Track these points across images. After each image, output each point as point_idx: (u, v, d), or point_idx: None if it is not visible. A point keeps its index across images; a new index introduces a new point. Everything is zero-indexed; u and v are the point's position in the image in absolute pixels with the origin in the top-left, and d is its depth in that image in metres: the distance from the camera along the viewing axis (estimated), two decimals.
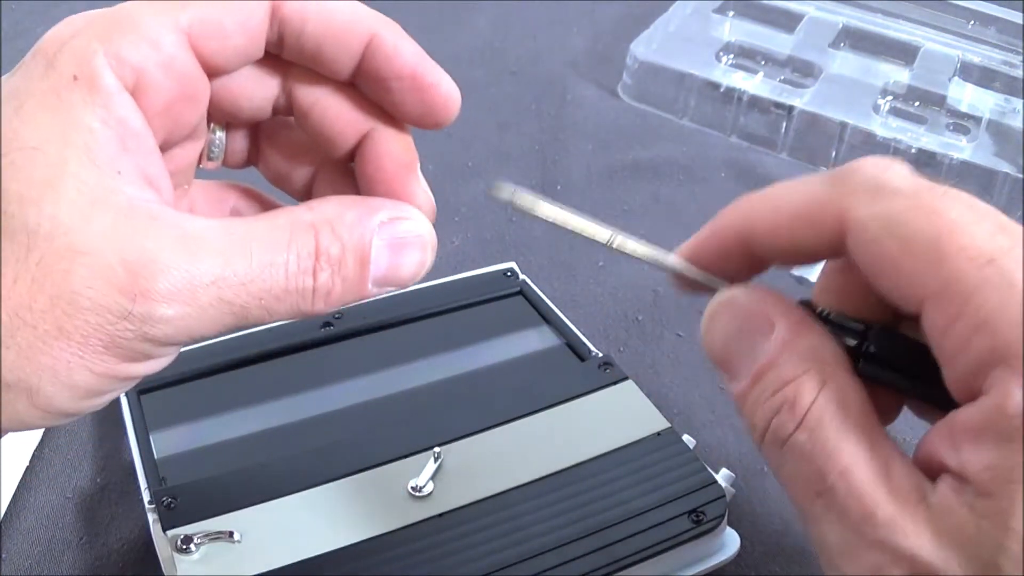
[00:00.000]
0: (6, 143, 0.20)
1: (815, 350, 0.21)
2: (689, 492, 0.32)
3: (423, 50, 0.24)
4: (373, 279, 0.23)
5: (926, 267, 0.19)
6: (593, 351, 0.39)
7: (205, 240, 0.21)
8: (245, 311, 0.21)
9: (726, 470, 0.34)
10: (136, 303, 0.20)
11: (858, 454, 0.19)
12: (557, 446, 0.34)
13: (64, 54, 0.21)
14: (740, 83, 0.58)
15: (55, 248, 0.20)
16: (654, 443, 0.34)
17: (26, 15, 0.70)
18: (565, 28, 0.68)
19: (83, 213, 0.20)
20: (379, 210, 0.23)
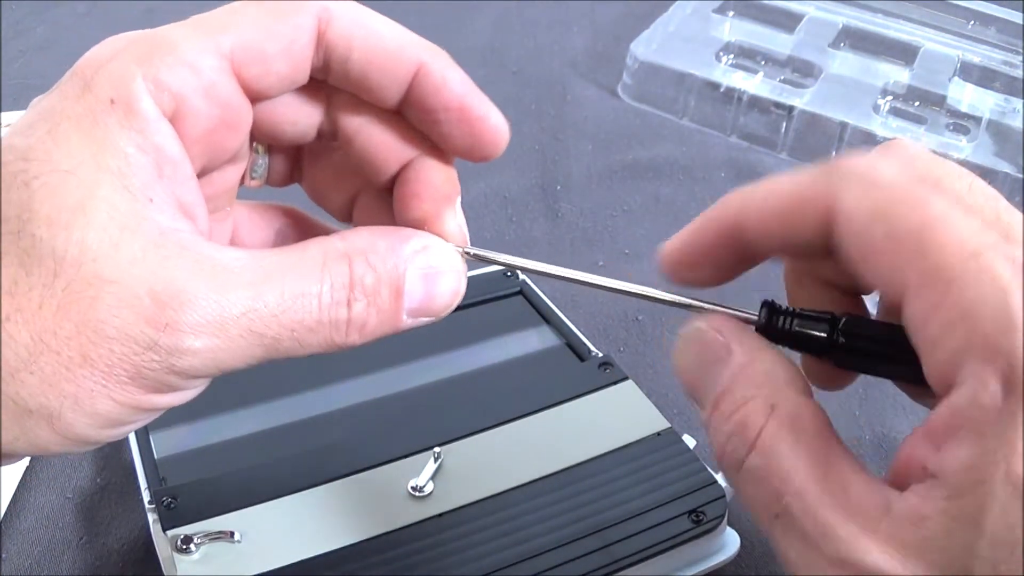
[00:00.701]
0: (38, 165, 0.20)
1: (767, 374, 0.21)
2: (689, 492, 0.32)
3: (471, 81, 0.24)
4: (408, 310, 0.23)
5: (909, 259, 0.19)
6: (593, 351, 0.39)
7: (235, 271, 0.21)
8: (276, 343, 0.21)
9: None
10: (163, 334, 0.19)
11: (811, 474, 0.19)
12: (557, 446, 0.34)
13: (102, 76, 0.21)
14: (740, 83, 0.58)
15: (82, 275, 0.19)
16: (654, 443, 0.34)
17: (26, 15, 0.70)
18: (565, 28, 0.68)
19: (112, 240, 0.20)
20: (411, 239, 0.23)
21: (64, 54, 0.66)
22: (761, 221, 0.23)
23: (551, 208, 0.52)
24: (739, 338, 0.22)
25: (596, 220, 0.52)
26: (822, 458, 0.20)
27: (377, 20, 0.24)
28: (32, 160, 0.20)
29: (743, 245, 0.23)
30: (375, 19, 0.24)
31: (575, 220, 0.52)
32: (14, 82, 0.63)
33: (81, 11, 0.71)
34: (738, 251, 0.24)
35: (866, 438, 0.40)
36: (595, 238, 0.51)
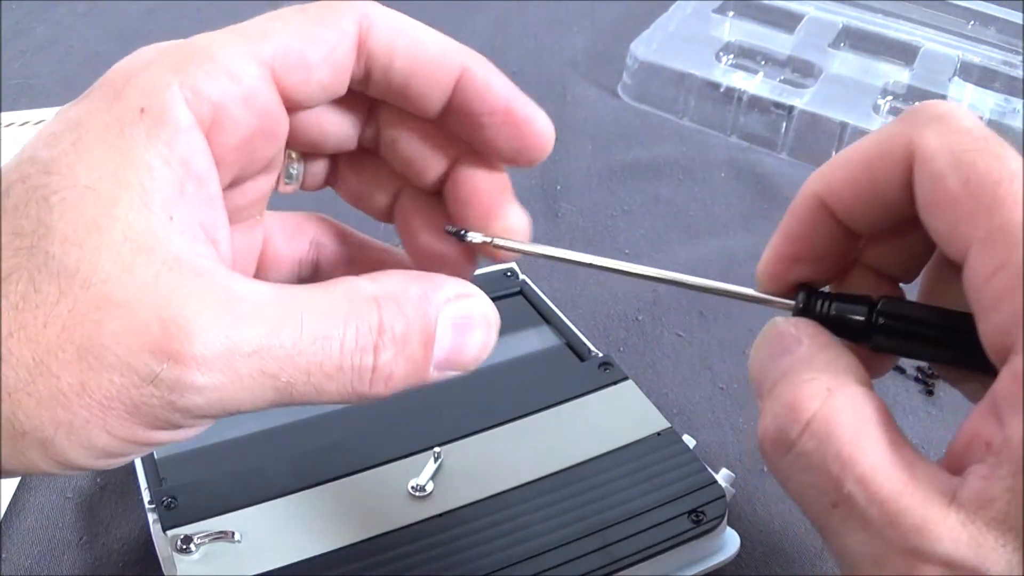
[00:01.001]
0: (60, 179, 0.19)
1: (829, 362, 0.21)
2: (689, 492, 0.32)
3: (513, 84, 0.23)
4: (436, 362, 0.21)
5: (981, 211, 0.18)
6: (593, 351, 0.39)
7: (252, 304, 0.19)
8: (290, 387, 0.20)
9: (726, 470, 0.34)
10: (167, 366, 0.18)
11: (877, 460, 0.18)
12: (557, 446, 0.34)
13: (133, 85, 0.20)
14: (740, 83, 0.58)
15: (90, 296, 0.18)
16: (654, 443, 0.34)
17: (26, 15, 0.70)
18: (565, 28, 0.68)
19: (125, 262, 0.19)
20: (444, 286, 0.22)
21: (64, 54, 0.66)
22: (845, 184, 0.22)
23: (551, 208, 0.52)
24: (812, 332, 0.22)
25: (596, 220, 0.52)
26: (886, 444, 0.19)
27: (417, 26, 0.23)
28: (54, 174, 0.19)
29: (833, 225, 0.22)
30: (415, 25, 0.23)
31: (575, 220, 0.52)
32: (14, 82, 0.63)
33: (81, 11, 0.71)
34: (832, 234, 0.23)
35: None
36: (595, 238, 0.51)
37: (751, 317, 0.46)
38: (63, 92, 0.62)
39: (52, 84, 0.63)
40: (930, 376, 0.43)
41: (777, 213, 0.52)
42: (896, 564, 0.18)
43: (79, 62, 0.65)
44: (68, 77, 0.64)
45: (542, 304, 0.42)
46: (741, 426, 0.41)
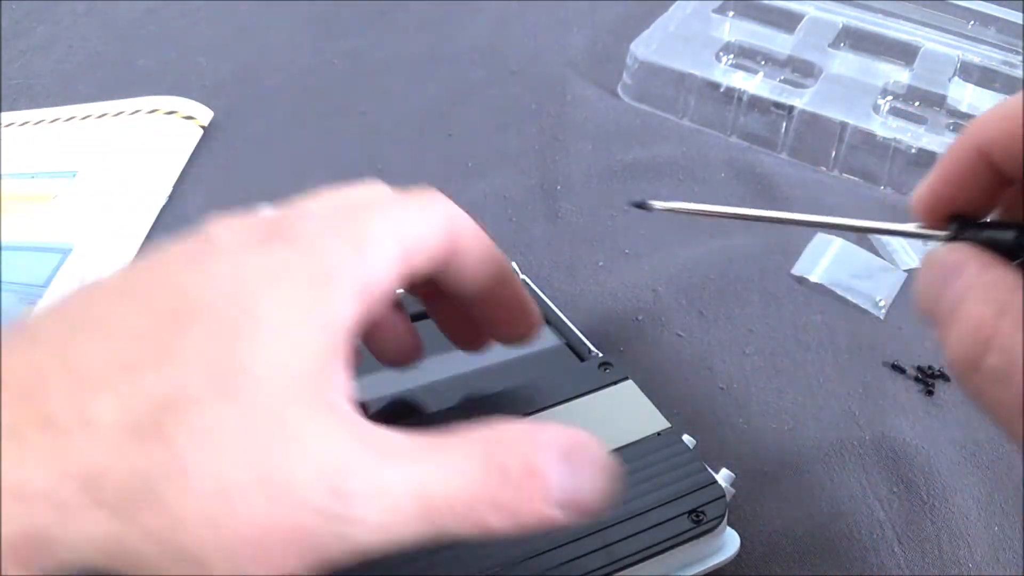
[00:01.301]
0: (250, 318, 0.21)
1: (996, 281, 0.22)
2: (689, 492, 0.32)
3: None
4: (558, 501, 0.23)
5: None
6: (593, 351, 0.39)
7: (403, 451, 0.21)
8: (444, 524, 0.22)
9: (726, 470, 0.34)
10: (339, 502, 0.20)
11: None
12: None
13: (329, 251, 0.23)
14: (740, 83, 0.58)
15: (269, 428, 0.20)
16: (654, 443, 0.34)
17: (26, 15, 0.70)
18: (565, 28, 0.68)
19: (307, 412, 0.21)
20: (564, 434, 0.24)
21: (64, 54, 0.66)
22: (1005, 140, 0.23)
23: (551, 208, 0.52)
24: (973, 255, 0.23)
25: (596, 220, 0.52)
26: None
27: (480, 231, 0.28)
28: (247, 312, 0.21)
29: (989, 173, 0.24)
30: (479, 230, 0.28)
31: (575, 220, 0.52)
32: (14, 82, 0.63)
33: (81, 11, 0.71)
34: (986, 180, 0.24)
35: (867, 438, 0.40)
36: (595, 238, 0.51)
37: (751, 317, 0.46)
38: (63, 92, 0.62)
39: (52, 84, 0.63)
40: (930, 376, 0.43)
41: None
42: None
43: (79, 62, 0.65)
44: (68, 77, 0.64)
45: (542, 304, 0.42)
46: (741, 426, 0.41)
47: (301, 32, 0.68)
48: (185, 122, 0.58)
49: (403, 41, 0.66)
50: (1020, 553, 0.37)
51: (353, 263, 0.23)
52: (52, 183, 0.54)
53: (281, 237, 0.23)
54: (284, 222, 0.24)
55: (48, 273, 0.47)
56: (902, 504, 0.38)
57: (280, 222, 0.24)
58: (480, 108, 0.60)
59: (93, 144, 0.57)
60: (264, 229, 0.24)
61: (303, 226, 0.24)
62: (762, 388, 0.43)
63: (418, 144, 0.57)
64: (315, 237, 0.23)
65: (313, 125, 0.59)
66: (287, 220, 0.24)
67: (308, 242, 0.23)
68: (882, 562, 0.36)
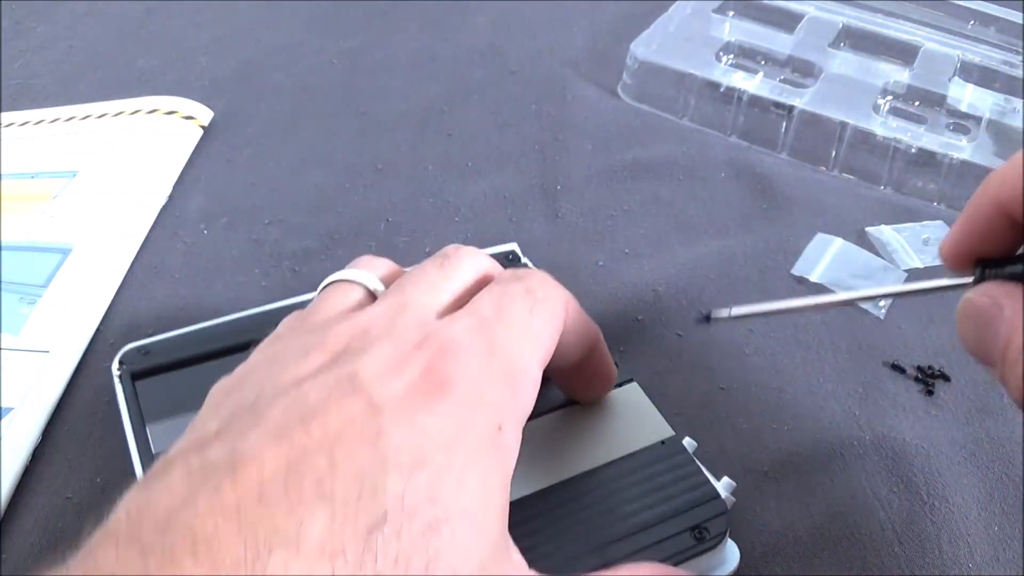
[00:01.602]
0: (444, 508, 0.21)
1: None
2: (692, 507, 0.32)
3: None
4: None
5: None
6: None
7: None
8: None
9: (727, 479, 0.34)
10: None
11: None
12: (558, 454, 0.33)
13: (488, 405, 0.24)
14: (740, 83, 0.58)
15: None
16: (658, 452, 0.34)
17: (26, 15, 0.70)
18: (565, 28, 0.68)
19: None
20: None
21: (64, 54, 0.66)
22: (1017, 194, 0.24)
23: (551, 208, 0.52)
24: (1005, 293, 0.24)
25: (596, 220, 0.52)
26: None
27: (580, 310, 0.31)
28: (439, 502, 0.21)
29: (1011, 222, 0.25)
30: (579, 309, 0.31)
31: (575, 220, 0.52)
32: (14, 82, 0.63)
33: (81, 11, 0.71)
34: (1009, 228, 0.25)
35: (866, 438, 0.40)
36: (595, 238, 0.51)
37: (751, 317, 0.46)
38: (63, 92, 0.62)
39: (52, 84, 0.63)
40: (930, 376, 0.43)
41: (777, 213, 0.52)
42: None
43: (79, 62, 0.65)
44: (68, 77, 0.64)
45: None
46: (741, 426, 0.41)
47: (301, 32, 0.68)
48: (185, 122, 0.58)
49: (403, 41, 0.66)
50: (1020, 553, 0.37)
51: (512, 406, 0.25)
52: (52, 183, 0.54)
53: (443, 388, 0.23)
54: (438, 364, 0.24)
55: (48, 273, 0.48)
56: (902, 504, 0.38)
57: (434, 365, 0.24)
58: (480, 108, 0.60)
59: (93, 144, 0.57)
60: (420, 377, 0.23)
61: (458, 370, 0.24)
62: (762, 388, 0.43)
63: (418, 144, 0.57)
64: (475, 384, 0.24)
65: (313, 125, 0.59)
66: (440, 360, 0.24)
67: (471, 391, 0.24)
68: (882, 562, 0.36)
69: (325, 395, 0.22)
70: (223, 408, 0.23)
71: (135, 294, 0.47)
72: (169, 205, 0.53)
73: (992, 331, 0.24)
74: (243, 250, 0.50)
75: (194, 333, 0.39)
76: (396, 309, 0.26)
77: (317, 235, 0.51)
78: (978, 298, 0.25)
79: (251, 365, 0.26)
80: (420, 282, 0.28)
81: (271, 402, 0.22)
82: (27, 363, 0.43)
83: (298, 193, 0.54)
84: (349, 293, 0.29)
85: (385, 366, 0.23)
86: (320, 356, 0.24)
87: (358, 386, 0.22)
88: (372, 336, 0.24)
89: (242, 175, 0.55)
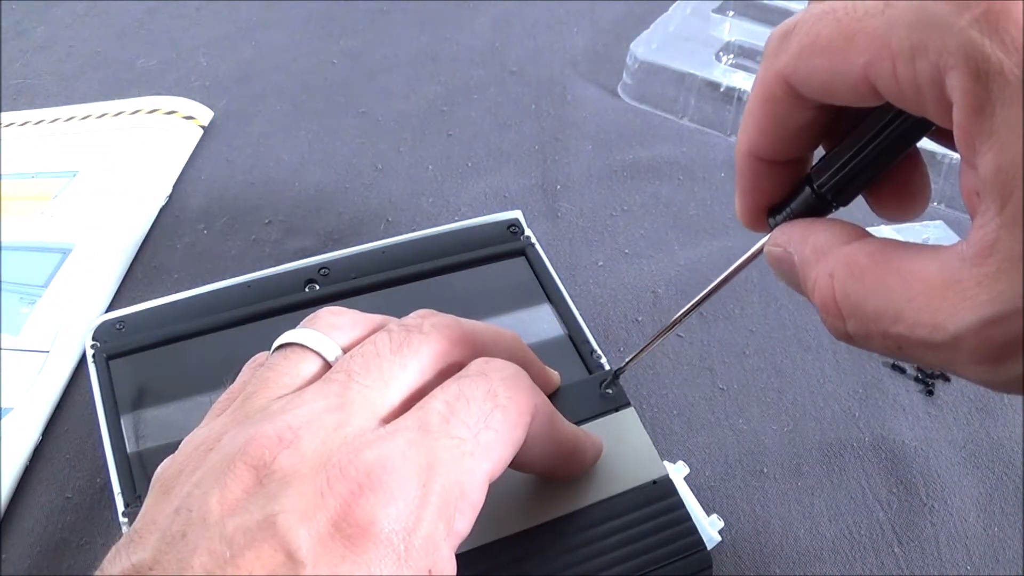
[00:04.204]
0: None
1: (817, 250, 0.23)
2: (676, 559, 0.30)
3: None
4: None
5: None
6: (595, 351, 0.37)
7: None
8: None
9: (716, 517, 0.33)
10: None
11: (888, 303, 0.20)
12: (539, 493, 0.31)
13: (417, 545, 0.22)
14: (740, 83, 0.58)
15: None
16: (647, 494, 0.31)
17: (26, 15, 0.70)
18: (565, 28, 0.68)
19: None
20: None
21: (64, 54, 0.66)
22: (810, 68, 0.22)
23: (551, 208, 0.52)
24: (793, 238, 0.24)
25: (596, 220, 0.52)
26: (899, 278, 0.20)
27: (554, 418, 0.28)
28: None
29: (771, 166, 0.25)
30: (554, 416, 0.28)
31: (575, 220, 0.52)
32: (14, 82, 0.63)
33: (81, 11, 0.71)
34: (774, 169, 0.25)
35: (866, 439, 0.40)
36: (595, 238, 0.51)
37: (751, 318, 0.46)
38: (63, 92, 0.62)
39: (52, 84, 0.63)
40: (930, 376, 0.43)
41: None
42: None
43: (79, 62, 0.65)
44: (68, 77, 0.64)
45: (545, 275, 0.39)
46: (741, 427, 0.41)
47: (301, 32, 0.68)
48: (185, 122, 0.58)
49: (403, 41, 0.66)
50: (1019, 554, 0.37)
51: (446, 542, 0.22)
52: (52, 183, 0.54)
53: (364, 534, 0.21)
54: (360, 504, 0.21)
55: (48, 273, 0.48)
56: (901, 505, 0.38)
57: (355, 505, 0.21)
58: (480, 108, 0.60)
59: (93, 144, 0.57)
60: (341, 517, 0.21)
61: (381, 511, 0.21)
62: (762, 388, 0.43)
63: (418, 144, 0.57)
64: (401, 524, 0.22)
65: (313, 125, 0.59)
66: (362, 499, 0.21)
67: (395, 535, 0.21)
68: (882, 562, 0.36)
69: (246, 541, 0.21)
70: (160, 520, 0.23)
71: (135, 294, 0.47)
72: (169, 205, 0.53)
73: (797, 278, 0.24)
74: (243, 250, 0.50)
75: (171, 305, 0.36)
76: (334, 408, 0.24)
77: (317, 235, 0.51)
78: (771, 249, 0.25)
79: (187, 451, 0.25)
80: (371, 368, 0.25)
81: (197, 543, 0.21)
82: (27, 363, 0.43)
83: (298, 193, 0.54)
84: (300, 364, 0.27)
85: (305, 505, 0.21)
86: (245, 475, 0.22)
87: (277, 533, 0.21)
88: (300, 454, 0.23)
89: (242, 175, 0.55)
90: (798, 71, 0.22)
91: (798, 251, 0.23)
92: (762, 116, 0.24)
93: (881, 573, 0.36)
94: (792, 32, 0.22)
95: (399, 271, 0.39)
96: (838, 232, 0.23)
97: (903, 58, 0.19)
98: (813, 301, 0.23)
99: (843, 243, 0.22)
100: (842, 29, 0.20)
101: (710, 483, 0.39)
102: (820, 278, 0.22)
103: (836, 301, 0.21)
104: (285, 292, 0.38)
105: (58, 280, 0.47)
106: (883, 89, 0.20)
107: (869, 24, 0.19)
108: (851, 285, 0.21)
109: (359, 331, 0.28)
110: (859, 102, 0.21)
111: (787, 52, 0.22)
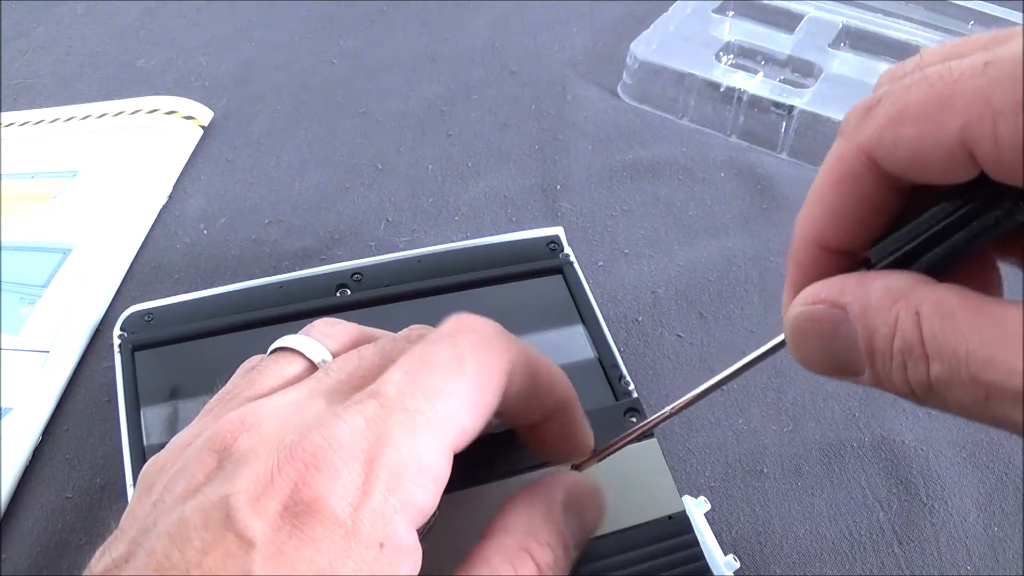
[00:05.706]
0: None
1: (888, 290, 0.20)
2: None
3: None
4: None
5: None
6: (624, 377, 0.36)
7: None
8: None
9: (732, 558, 0.32)
10: None
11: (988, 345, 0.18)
12: None
13: (365, 520, 0.21)
14: (740, 83, 0.58)
15: None
16: (661, 529, 0.30)
17: (26, 15, 0.70)
18: (565, 28, 0.68)
19: None
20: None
21: (64, 54, 0.66)
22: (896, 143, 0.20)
23: (551, 208, 0.52)
24: (841, 288, 0.21)
25: (596, 220, 0.52)
26: (991, 322, 0.18)
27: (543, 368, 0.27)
28: None
29: (876, 178, 0.21)
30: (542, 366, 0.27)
31: (575, 220, 0.52)
32: (14, 82, 0.63)
33: (81, 11, 0.71)
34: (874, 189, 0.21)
35: (866, 440, 0.40)
36: (595, 238, 0.51)
37: (751, 318, 0.46)
38: (63, 92, 0.62)
39: (52, 84, 0.63)
40: None
41: (777, 213, 0.52)
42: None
43: (79, 62, 0.65)
44: (68, 77, 0.64)
45: (585, 302, 0.38)
46: (741, 427, 0.41)
47: (301, 32, 0.68)
48: (185, 122, 0.58)
49: (403, 41, 0.66)
50: (1019, 554, 0.37)
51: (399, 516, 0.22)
52: (52, 183, 0.54)
53: (311, 511, 0.21)
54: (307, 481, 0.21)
55: (48, 273, 0.48)
56: (901, 505, 0.38)
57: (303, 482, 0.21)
58: (480, 108, 0.60)
59: (93, 144, 0.57)
60: (290, 497, 0.21)
61: (327, 487, 0.21)
62: (762, 388, 0.43)
63: (418, 144, 0.57)
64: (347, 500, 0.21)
65: (313, 125, 0.59)
66: (308, 476, 0.21)
67: (342, 511, 0.21)
68: (882, 562, 0.36)
69: (201, 522, 0.21)
70: (139, 515, 0.23)
71: (135, 294, 0.47)
72: (169, 205, 0.53)
73: (842, 337, 0.21)
74: (243, 250, 0.50)
75: (200, 300, 0.36)
76: (304, 398, 0.24)
77: (317, 235, 0.51)
78: (808, 309, 0.22)
79: (172, 450, 0.25)
80: (351, 363, 0.26)
81: (160, 529, 0.22)
82: (27, 363, 0.43)
83: (298, 193, 0.54)
84: (287, 367, 0.27)
85: (255, 487, 0.21)
86: (208, 460, 0.23)
87: (229, 515, 0.21)
88: (259, 435, 0.23)
89: (242, 175, 0.55)
90: (884, 142, 0.20)
91: (859, 299, 0.20)
92: (835, 198, 0.21)
93: (881, 573, 0.36)
94: (878, 103, 0.20)
95: (433, 281, 0.39)
96: (909, 276, 0.20)
97: (1006, 115, 0.17)
98: (875, 359, 0.20)
99: (924, 284, 0.20)
100: (936, 93, 0.18)
101: (710, 483, 0.39)
102: (903, 318, 0.19)
103: (923, 341, 0.19)
104: (316, 295, 0.38)
105: (58, 280, 0.47)
106: (980, 153, 0.18)
107: (967, 85, 0.18)
108: (941, 324, 0.19)
109: (351, 341, 0.28)
110: (950, 175, 0.19)
111: (871, 124, 0.20)
